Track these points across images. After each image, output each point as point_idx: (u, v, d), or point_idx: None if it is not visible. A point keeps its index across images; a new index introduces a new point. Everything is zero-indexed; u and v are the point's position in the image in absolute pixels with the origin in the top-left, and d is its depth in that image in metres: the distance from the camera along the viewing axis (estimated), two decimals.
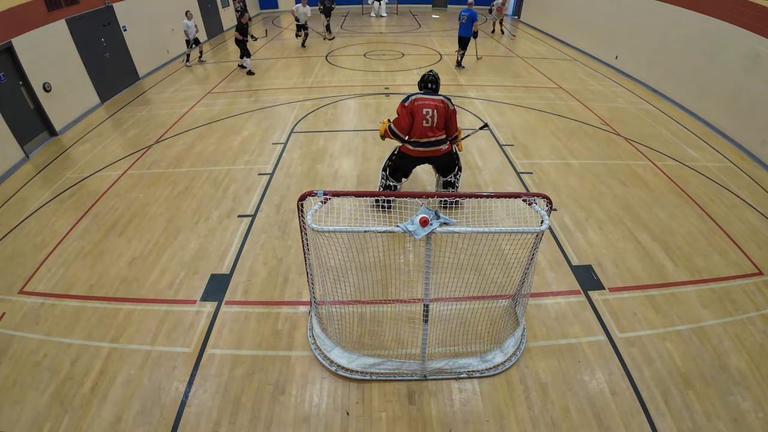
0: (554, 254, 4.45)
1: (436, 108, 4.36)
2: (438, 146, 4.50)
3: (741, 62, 6.79)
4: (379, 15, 18.53)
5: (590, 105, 8.46)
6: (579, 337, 3.54)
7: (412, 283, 4.04)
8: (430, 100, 4.39)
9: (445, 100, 4.43)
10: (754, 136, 6.55)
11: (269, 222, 4.96)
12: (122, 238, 4.73)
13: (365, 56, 12.05)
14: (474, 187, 5.63)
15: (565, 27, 13.51)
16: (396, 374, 3.20)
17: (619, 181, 5.77)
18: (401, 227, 2.50)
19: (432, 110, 4.36)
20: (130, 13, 9.78)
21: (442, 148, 4.53)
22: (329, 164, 6.22)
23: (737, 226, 4.91)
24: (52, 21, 7.43)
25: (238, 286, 4.07)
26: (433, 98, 4.41)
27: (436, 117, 4.37)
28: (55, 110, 7.33)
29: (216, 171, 6.06)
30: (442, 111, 4.38)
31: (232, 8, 16.46)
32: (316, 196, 2.70)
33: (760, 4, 6.50)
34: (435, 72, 4.65)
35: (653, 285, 4.06)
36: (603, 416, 2.94)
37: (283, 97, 8.93)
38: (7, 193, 5.70)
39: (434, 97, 4.42)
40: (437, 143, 4.48)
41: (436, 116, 4.37)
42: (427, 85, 4.58)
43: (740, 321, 3.69)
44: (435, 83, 4.60)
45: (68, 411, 2.98)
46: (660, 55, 8.99)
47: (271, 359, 3.35)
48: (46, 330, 3.62)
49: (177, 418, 2.94)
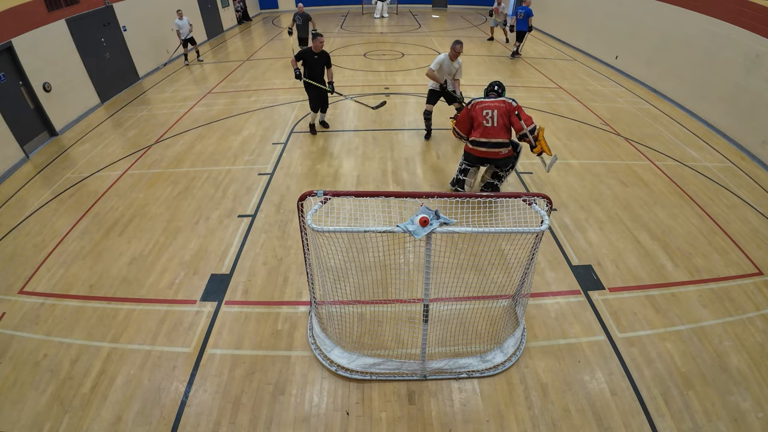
0: (554, 254, 4.45)
1: (497, 108, 4.67)
2: (498, 149, 4.75)
3: (741, 62, 6.79)
4: (381, 15, 18.54)
5: (590, 105, 8.46)
6: (579, 337, 3.54)
7: (412, 283, 4.04)
8: (491, 102, 4.73)
9: (507, 100, 4.73)
10: (754, 136, 6.55)
11: (269, 222, 4.96)
12: (122, 238, 4.73)
13: (365, 56, 12.05)
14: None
15: (565, 27, 13.50)
16: (396, 374, 3.20)
17: (619, 181, 5.77)
18: (401, 227, 2.50)
19: (492, 111, 4.68)
20: (130, 13, 9.78)
21: (502, 152, 4.79)
22: (329, 164, 6.22)
23: (737, 226, 4.91)
24: (52, 21, 7.43)
25: (238, 286, 4.07)
26: (494, 100, 4.74)
27: (496, 117, 4.66)
28: (55, 110, 7.34)
29: (216, 171, 6.06)
30: (503, 110, 4.67)
31: (232, 8, 16.47)
32: (316, 196, 2.70)
33: (760, 4, 6.50)
34: (500, 81, 5.00)
35: (653, 285, 4.06)
36: (603, 416, 2.94)
37: (283, 97, 8.93)
38: (7, 193, 5.71)
39: (495, 100, 4.75)
40: (498, 146, 4.74)
41: (496, 116, 4.66)
42: (494, 88, 4.97)
43: (740, 321, 3.69)
44: (500, 86, 4.97)
45: (68, 411, 2.98)
46: (660, 55, 8.99)
47: (271, 359, 3.35)
48: (46, 330, 3.62)
49: (177, 418, 2.94)
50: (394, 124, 7.56)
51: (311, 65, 6.42)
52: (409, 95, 8.94)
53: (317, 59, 6.37)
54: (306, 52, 6.35)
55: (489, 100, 4.78)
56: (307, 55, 6.35)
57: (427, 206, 2.58)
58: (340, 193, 2.71)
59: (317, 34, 6.32)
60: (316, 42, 6.26)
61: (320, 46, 6.29)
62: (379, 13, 18.58)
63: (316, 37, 6.29)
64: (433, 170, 6.04)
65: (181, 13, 10.64)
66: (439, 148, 6.69)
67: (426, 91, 6.69)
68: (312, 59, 6.36)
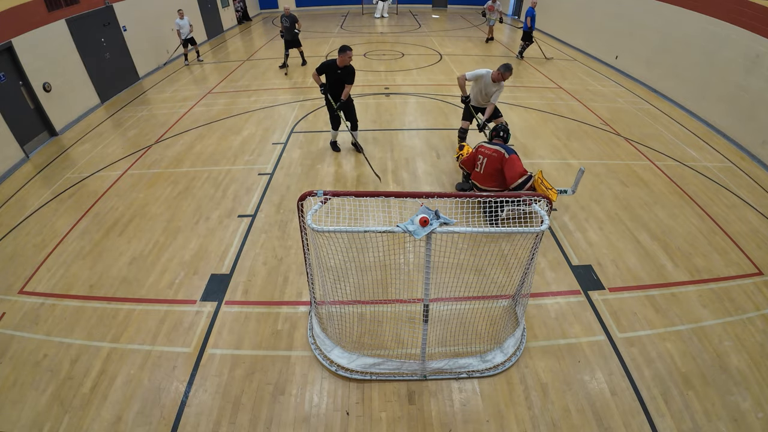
0: (554, 254, 4.45)
1: (488, 157, 4.61)
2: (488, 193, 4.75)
3: (741, 62, 6.78)
4: (381, 15, 18.54)
5: (590, 105, 8.46)
6: (579, 337, 3.54)
7: (412, 283, 4.04)
8: (487, 149, 4.67)
9: (500, 149, 4.59)
10: (754, 136, 6.55)
11: (269, 222, 4.96)
12: (122, 238, 4.73)
13: (365, 56, 12.04)
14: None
15: (565, 27, 13.50)
16: (396, 374, 3.20)
17: (619, 181, 5.77)
18: (401, 227, 2.50)
19: (484, 158, 4.64)
20: (130, 13, 9.78)
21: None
22: (329, 164, 6.22)
23: (737, 226, 4.91)
24: (52, 21, 7.42)
25: (238, 286, 4.07)
26: (490, 147, 4.66)
27: (485, 164, 4.64)
28: (55, 110, 7.33)
29: (216, 171, 6.06)
30: (494, 160, 4.59)
31: (232, 8, 16.46)
32: (316, 196, 2.69)
33: (760, 4, 6.50)
34: (505, 124, 4.81)
35: (653, 285, 4.06)
36: (603, 416, 2.94)
37: (283, 97, 8.93)
38: (7, 193, 5.70)
39: (491, 147, 4.66)
40: (486, 191, 4.69)
41: (485, 164, 4.64)
42: (499, 133, 4.88)
43: (740, 321, 3.69)
44: (505, 132, 4.84)
45: (68, 411, 2.98)
46: (660, 55, 8.99)
47: (271, 359, 3.35)
48: (46, 330, 3.62)
49: (177, 418, 2.94)
50: (394, 124, 7.56)
51: (331, 80, 5.78)
52: (409, 95, 8.94)
53: (339, 74, 5.69)
54: (329, 65, 5.67)
55: (488, 145, 4.70)
56: (328, 69, 5.69)
57: (427, 206, 2.58)
58: (340, 193, 2.71)
59: (346, 48, 5.52)
60: (344, 56, 5.53)
61: (347, 60, 5.60)
62: (380, 13, 18.59)
63: (344, 51, 5.51)
64: (433, 170, 6.04)
65: (182, 13, 10.63)
66: (439, 148, 6.69)
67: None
68: (334, 74, 5.70)
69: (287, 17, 10.07)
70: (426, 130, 7.33)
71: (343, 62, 5.61)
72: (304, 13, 19.32)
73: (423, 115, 7.97)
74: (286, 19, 10.11)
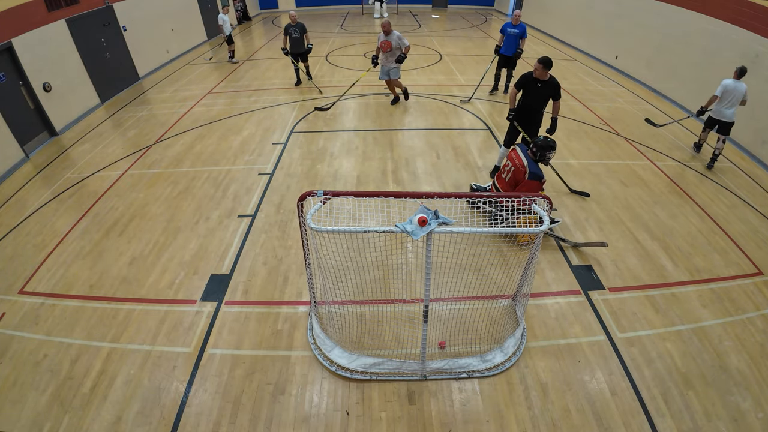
0: (554, 254, 4.45)
1: (515, 167, 4.53)
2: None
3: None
4: (381, 15, 18.54)
5: (590, 105, 8.46)
6: (579, 337, 3.54)
7: (412, 283, 4.03)
8: (517, 158, 4.56)
9: (527, 165, 4.42)
10: (754, 136, 6.55)
11: (269, 222, 4.96)
12: (122, 238, 4.73)
13: (365, 56, 12.04)
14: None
15: (565, 27, 13.50)
16: (396, 374, 3.20)
17: (619, 181, 5.77)
18: (399, 227, 2.50)
19: (512, 166, 4.58)
20: (130, 13, 9.78)
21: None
22: (329, 164, 6.22)
23: (737, 226, 4.91)
24: (52, 21, 7.43)
25: (238, 286, 4.07)
26: (520, 157, 4.53)
27: (510, 174, 4.59)
28: (55, 110, 7.34)
29: (216, 171, 6.06)
30: (518, 172, 4.49)
31: (232, 8, 16.47)
32: (316, 196, 2.69)
33: (760, 4, 6.49)
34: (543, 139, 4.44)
35: (653, 285, 4.06)
36: (603, 416, 2.94)
37: (283, 97, 8.93)
38: (7, 193, 5.71)
39: (523, 157, 4.51)
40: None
41: (510, 174, 4.59)
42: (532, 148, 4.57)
43: (740, 321, 3.68)
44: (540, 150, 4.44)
45: (68, 411, 2.98)
46: (660, 55, 8.98)
47: (271, 359, 3.35)
48: (46, 330, 3.62)
49: (177, 418, 2.94)
50: (394, 124, 7.56)
51: (528, 93, 5.09)
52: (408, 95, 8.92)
53: (539, 88, 5.00)
54: (527, 79, 5.01)
55: (519, 154, 4.52)
56: (527, 84, 5.05)
57: (426, 206, 2.58)
58: (340, 193, 2.71)
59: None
60: (539, 69, 4.82)
61: (543, 73, 4.86)
62: (379, 13, 18.60)
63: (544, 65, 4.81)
64: (433, 170, 6.04)
65: (226, 9, 10.39)
66: (439, 148, 6.69)
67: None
68: (534, 88, 5.03)
69: (296, 27, 8.43)
70: (426, 130, 7.33)
71: (538, 74, 4.91)
72: (304, 13, 19.30)
73: (423, 115, 7.97)
74: (294, 29, 8.42)
